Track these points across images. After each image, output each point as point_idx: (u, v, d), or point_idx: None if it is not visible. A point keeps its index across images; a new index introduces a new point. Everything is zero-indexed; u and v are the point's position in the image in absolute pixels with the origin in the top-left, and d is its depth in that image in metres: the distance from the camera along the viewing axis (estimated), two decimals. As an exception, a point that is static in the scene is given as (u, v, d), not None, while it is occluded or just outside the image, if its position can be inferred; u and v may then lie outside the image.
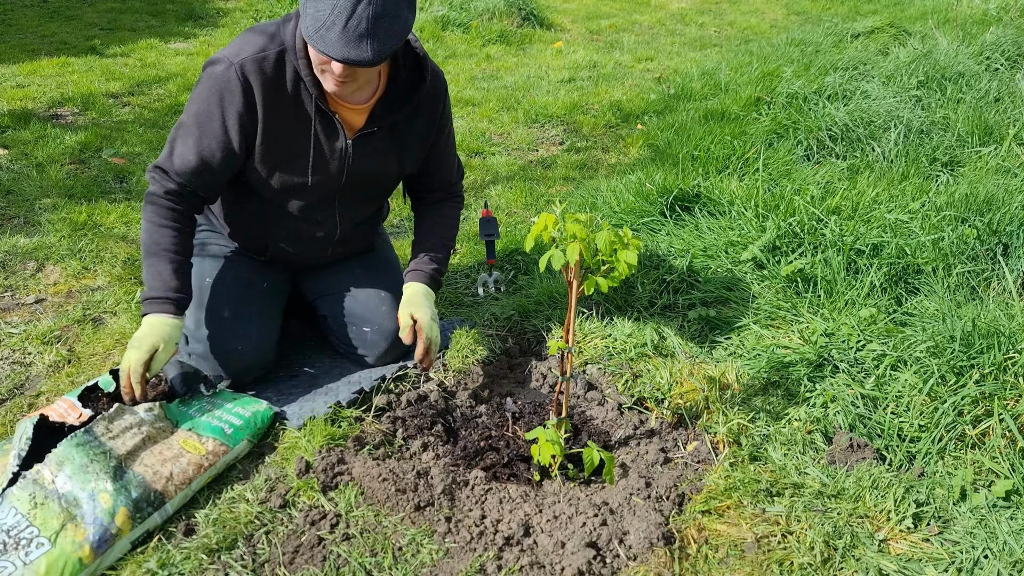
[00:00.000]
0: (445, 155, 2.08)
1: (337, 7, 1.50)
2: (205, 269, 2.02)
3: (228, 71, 1.70)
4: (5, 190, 3.18)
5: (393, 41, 1.57)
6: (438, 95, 1.94)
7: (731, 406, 1.91)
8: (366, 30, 1.52)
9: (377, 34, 1.53)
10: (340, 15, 1.50)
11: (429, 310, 1.92)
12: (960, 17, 5.76)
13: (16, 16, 6.48)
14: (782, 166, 3.29)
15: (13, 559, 1.39)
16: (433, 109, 1.94)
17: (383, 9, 1.53)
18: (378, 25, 1.53)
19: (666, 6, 8.20)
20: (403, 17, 1.58)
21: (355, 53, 1.53)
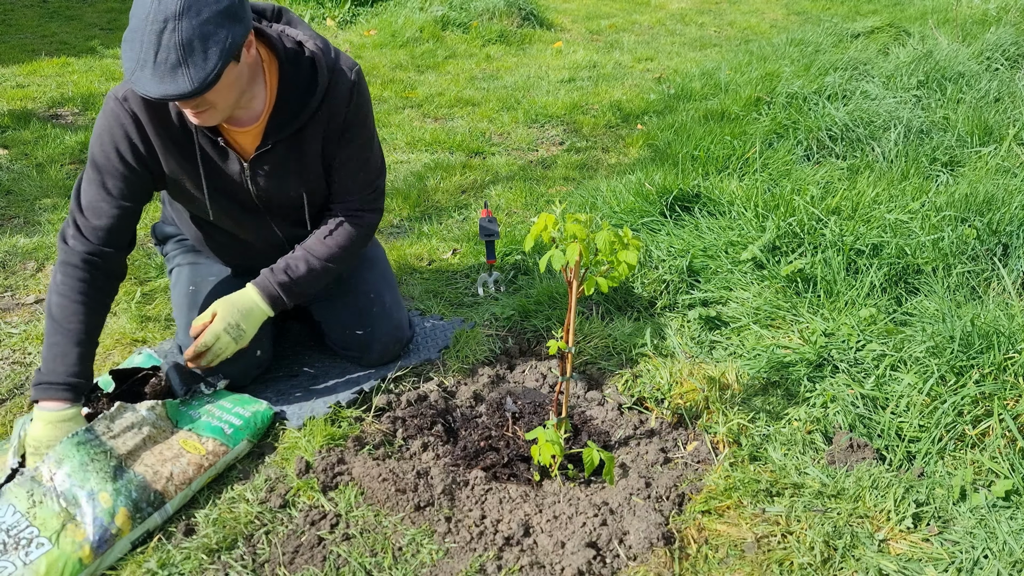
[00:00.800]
0: (348, 164, 1.84)
1: (144, 45, 1.41)
2: (189, 277, 2.01)
3: (116, 106, 1.64)
4: (5, 190, 3.18)
5: (213, 63, 1.43)
6: (338, 99, 1.74)
7: (731, 406, 1.91)
8: (177, 60, 1.41)
9: (192, 61, 1.41)
10: (148, 51, 1.41)
11: (231, 319, 1.72)
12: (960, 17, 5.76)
13: (16, 16, 6.48)
14: (782, 166, 3.29)
15: (13, 559, 1.39)
16: (332, 114, 1.76)
17: (192, 33, 1.41)
18: (191, 51, 1.41)
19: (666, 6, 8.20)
20: (220, 36, 1.43)
21: (172, 88, 1.43)
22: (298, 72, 1.71)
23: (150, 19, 1.40)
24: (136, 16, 1.43)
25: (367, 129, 1.85)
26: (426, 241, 2.89)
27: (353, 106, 1.77)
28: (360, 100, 1.79)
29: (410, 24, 6.22)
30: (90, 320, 1.67)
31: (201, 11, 1.42)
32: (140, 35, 1.41)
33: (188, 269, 2.05)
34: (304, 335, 2.26)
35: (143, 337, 2.23)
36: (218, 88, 1.51)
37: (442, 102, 4.65)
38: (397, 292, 2.15)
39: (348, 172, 1.85)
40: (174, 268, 2.09)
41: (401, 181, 3.49)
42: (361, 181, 1.88)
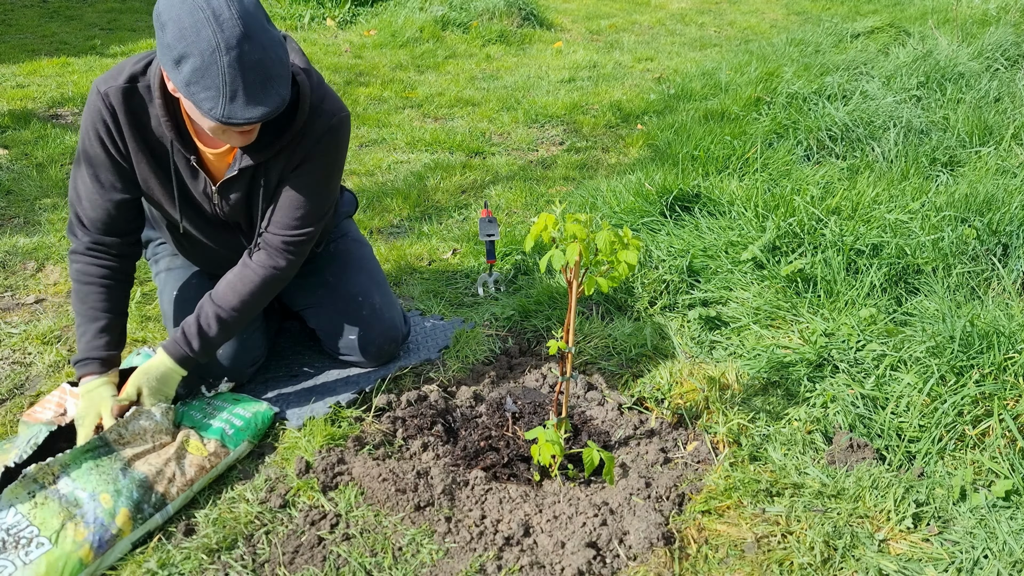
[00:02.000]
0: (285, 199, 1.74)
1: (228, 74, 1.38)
2: (175, 280, 2.01)
3: (97, 100, 1.63)
4: (5, 190, 3.18)
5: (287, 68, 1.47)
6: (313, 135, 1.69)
7: (731, 406, 1.91)
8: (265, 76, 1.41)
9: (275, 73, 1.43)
10: (236, 79, 1.39)
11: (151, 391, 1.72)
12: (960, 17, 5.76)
13: (16, 16, 6.48)
14: (782, 166, 3.29)
15: (13, 558, 1.39)
16: (296, 151, 1.70)
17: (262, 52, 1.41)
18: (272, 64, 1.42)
19: (666, 6, 8.20)
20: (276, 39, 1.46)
21: (270, 104, 1.43)
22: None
23: (222, 49, 1.37)
24: (200, 53, 1.38)
25: (324, 172, 1.76)
26: (426, 241, 2.89)
27: (320, 147, 1.71)
28: (330, 145, 1.72)
29: (410, 24, 6.22)
30: (105, 298, 1.75)
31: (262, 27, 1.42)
32: (217, 67, 1.38)
33: (171, 276, 2.04)
34: (304, 335, 2.26)
35: (143, 337, 2.23)
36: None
37: (442, 102, 4.65)
38: (388, 291, 2.12)
39: (284, 204, 1.75)
40: (159, 273, 2.08)
41: (401, 181, 3.49)
42: (294, 218, 1.75)
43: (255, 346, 1.98)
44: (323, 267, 2.09)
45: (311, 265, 2.07)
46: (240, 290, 1.77)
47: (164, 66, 1.44)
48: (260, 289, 1.77)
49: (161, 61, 1.44)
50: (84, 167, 1.71)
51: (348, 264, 2.10)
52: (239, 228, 1.88)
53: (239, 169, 1.70)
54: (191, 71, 1.39)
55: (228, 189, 1.75)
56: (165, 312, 2.01)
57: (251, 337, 1.97)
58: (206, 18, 1.37)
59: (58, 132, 3.80)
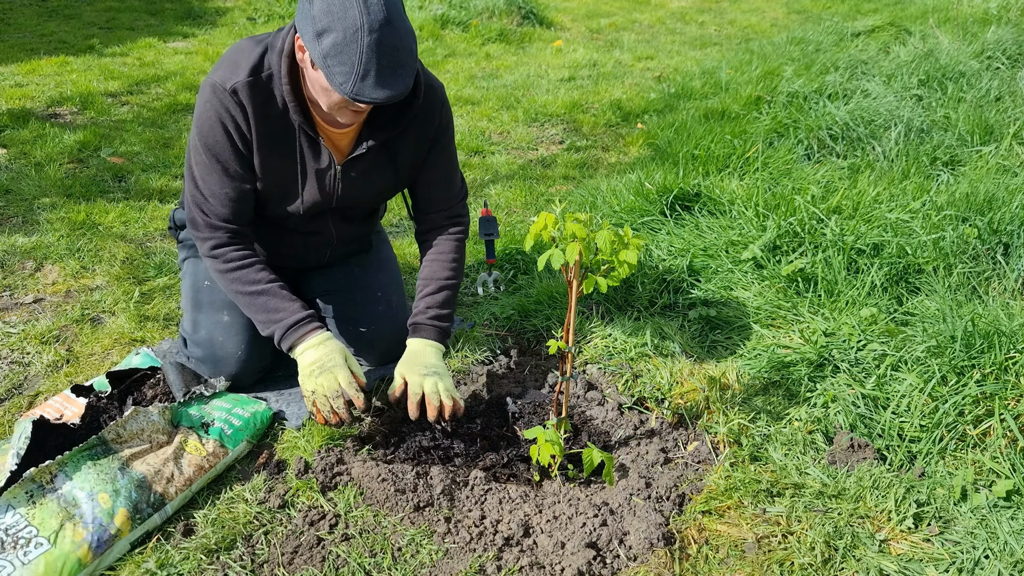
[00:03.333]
0: (440, 171, 1.97)
1: (365, 54, 1.46)
2: (203, 271, 2.01)
3: (224, 96, 1.68)
4: (4, 189, 3.18)
5: (415, 60, 1.56)
6: (433, 108, 1.85)
7: (731, 406, 1.90)
8: (397, 61, 1.50)
9: (407, 61, 1.52)
10: (371, 59, 1.47)
11: (425, 369, 1.79)
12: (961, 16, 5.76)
13: (15, 15, 6.47)
14: (782, 165, 3.28)
15: (11, 558, 1.39)
16: (427, 123, 1.86)
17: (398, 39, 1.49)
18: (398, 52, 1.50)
19: (666, 5, 8.19)
20: (409, 28, 1.54)
21: (396, 89, 1.51)
22: None
23: (364, 30, 1.45)
24: (343, 30, 1.45)
25: (453, 142, 1.98)
26: (426, 240, 2.89)
27: (444, 120, 1.89)
28: (449, 114, 1.92)
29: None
30: (269, 272, 1.81)
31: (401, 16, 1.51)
32: (356, 46, 1.45)
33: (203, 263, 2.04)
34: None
35: (141, 337, 2.23)
36: None
37: (442, 101, 4.64)
38: (404, 295, 2.16)
39: (442, 174, 1.97)
40: (188, 258, 2.08)
41: (401, 180, 3.48)
42: (454, 187, 2.01)
43: (267, 354, 1.99)
44: (352, 260, 2.15)
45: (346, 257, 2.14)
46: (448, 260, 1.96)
47: (303, 36, 1.51)
48: (461, 251, 2.00)
49: (301, 31, 1.52)
50: (210, 163, 1.74)
51: (375, 260, 2.16)
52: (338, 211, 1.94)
53: (367, 148, 1.79)
54: (331, 44, 1.47)
55: (351, 168, 1.82)
56: (189, 297, 2.00)
57: (264, 345, 1.97)
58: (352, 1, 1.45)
59: (56, 131, 3.79)
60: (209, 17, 6.80)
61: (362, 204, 1.96)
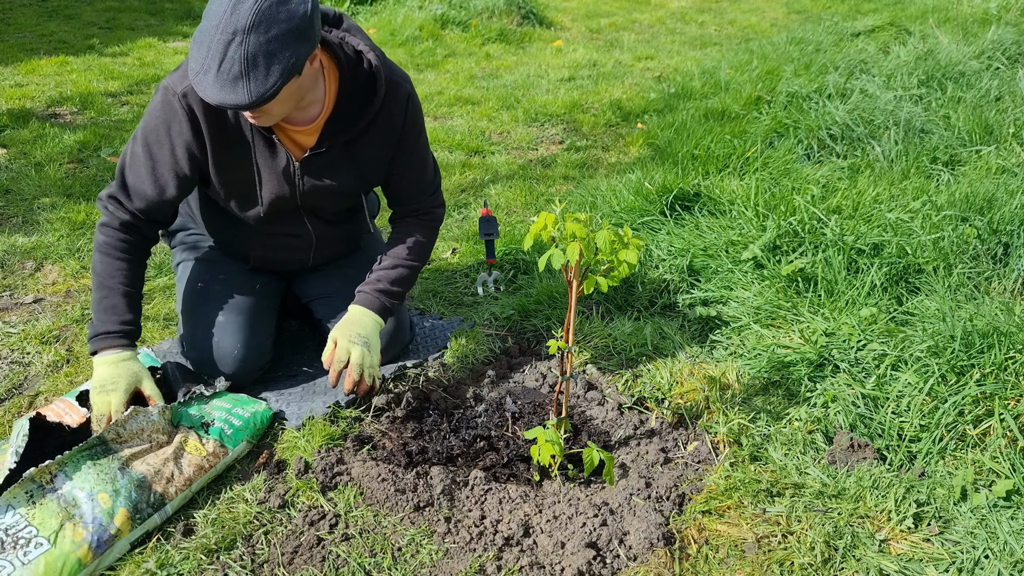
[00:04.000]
0: (409, 170, 1.95)
1: (211, 51, 1.45)
2: (198, 273, 2.01)
3: (173, 100, 1.68)
4: (4, 189, 3.18)
5: (274, 80, 1.47)
6: (396, 106, 1.83)
7: (731, 406, 1.90)
8: (240, 72, 1.45)
9: (254, 75, 1.46)
10: (214, 58, 1.45)
11: (358, 338, 1.81)
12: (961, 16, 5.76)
13: (15, 15, 6.47)
14: (782, 165, 3.28)
15: (11, 558, 1.39)
16: (390, 123, 1.84)
17: (258, 49, 1.44)
18: (254, 66, 1.45)
19: (666, 4, 8.19)
20: (285, 55, 1.47)
21: (231, 97, 1.47)
22: (357, 81, 1.77)
23: (221, 28, 1.44)
24: (208, 20, 1.46)
25: (423, 134, 1.95)
26: (426, 240, 2.89)
27: (409, 114, 1.86)
28: (415, 109, 1.89)
29: (409, 23, 6.21)
30: (132, 273, 1.78)
31: (271, 28, 1.45)
32: (209, 41, 1.46)
33: (196, 265, 2.04)
34: (304, 335, 2.25)
35: (142, 337, 2.22)
36: (279, 98, 1.57)
37: (441, 101, 4.64)
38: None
39: (412, 176, 1.96)
40: (181, 262, 2.09)
41: (401, 180, 3.48)
42: (425, 182, 2.00)
43: (265, 352, 1.99)
44: (344, 261, 2.14)
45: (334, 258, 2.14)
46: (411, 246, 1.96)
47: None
48: (427, 242, 2.00)
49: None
50: (144, 159, 1.75)
51: (368, 261, 2.13)
52: (307, 209, 1.93)
53: (327, 147, 1.79)
54: (197, 31, 1.50)
55: (310, 164, 1.82)
56: (183, 300, 2.01)
57: (263, 342, 1.97)
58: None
59: (56, 131, 3.79)
60: (209, 17, 6.79)
61: (328, 202, 1.94)
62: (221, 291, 1.98)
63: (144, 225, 1.80)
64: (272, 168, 1.81)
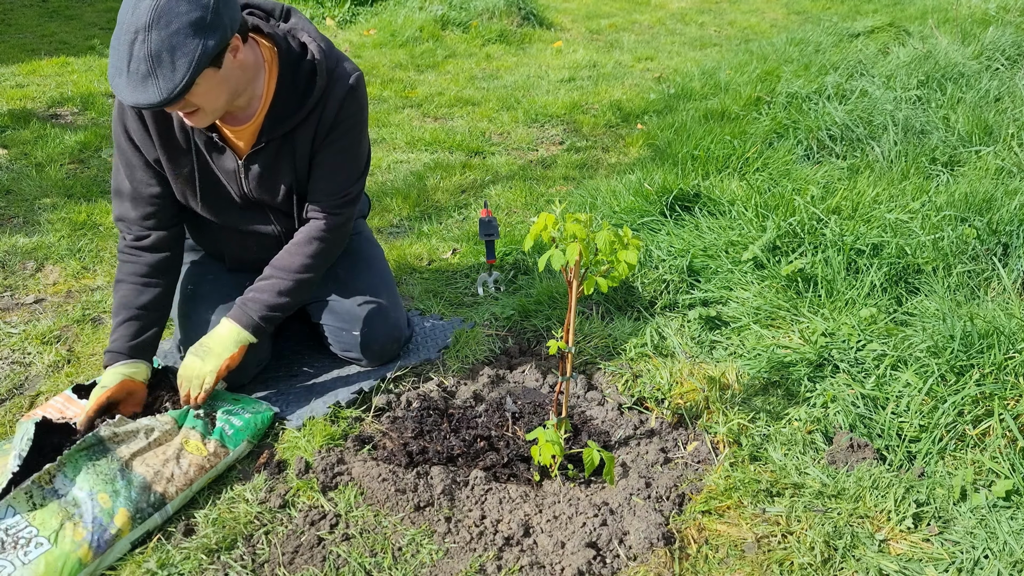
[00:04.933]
0: (324, 166, 1.83)
1: (119, 53, 1.46)
2: (188, 275, 2.02)
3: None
4: (5, 190, 3.18)
5: (182, 74, 1.45)
6: (333, 100, 1.76)
7: (731, 406, 1.91)
8: (147, 71, 1.44)
9: (160, 72, 1.44)
10: (122, 60, 1.45)
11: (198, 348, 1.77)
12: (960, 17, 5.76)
13: (15, 16, 6.47)
14: (782, 166, 3.29)
15: (11, 558, 1.39)
16: (324, 116, 1.77)
17: (160, 45, 1.43)
18: (159, 62, 1.44)
19: (666, 5, 8.19)
20: (189, 47, 1.45)
21: (143, 97, 1.47)
22: (297, 73, 1.73)
23: (124, 28, 1.44)
24: (118, 24, 1.47)
25: (354, 134, 1.84)
26: (426, 241, 2.89)
27: (344, 110, 1.78)
28: (353, 106, 1.80)
29: (410, 23, 6.21)
30: (137, 295, 1.83)
31: (171, 23, 1.43)
32: (118, 43, 1.46)
33: (186, 267, 2.05)
34: (304, 335, 2.26)
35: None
36: (199, 93, 1.54)
37: (442, 102, 4.65)
38: (395, 292, 2.14)
39: (324, 173, 1.85)
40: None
41: (401, 181, 3.49)
42: (335, 184, 1.86)
43: (261, 349, 1.98)
44: (335, 263, 2.11)
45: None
46: (299, 255, 1.85)
47: None
48: (318, 252, 1.86)
49: None
50: (122, 166, 1.79)
51: (359, 262, 2.13)
52: (267, 208, 1.92)
53: (266, 142, 1.76)
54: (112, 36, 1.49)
55: (253, 161, 1.80)
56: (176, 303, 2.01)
57: (258, 343, 1.96)
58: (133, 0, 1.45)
59: (57, 132, 3.80)
60: (209, 18, 6.79)
61: (277, 198, 1.88)
62: (211, 292, 1.98)
63: (151, 240, 1.83)
64: (217, 167, 1.81)
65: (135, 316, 1.81)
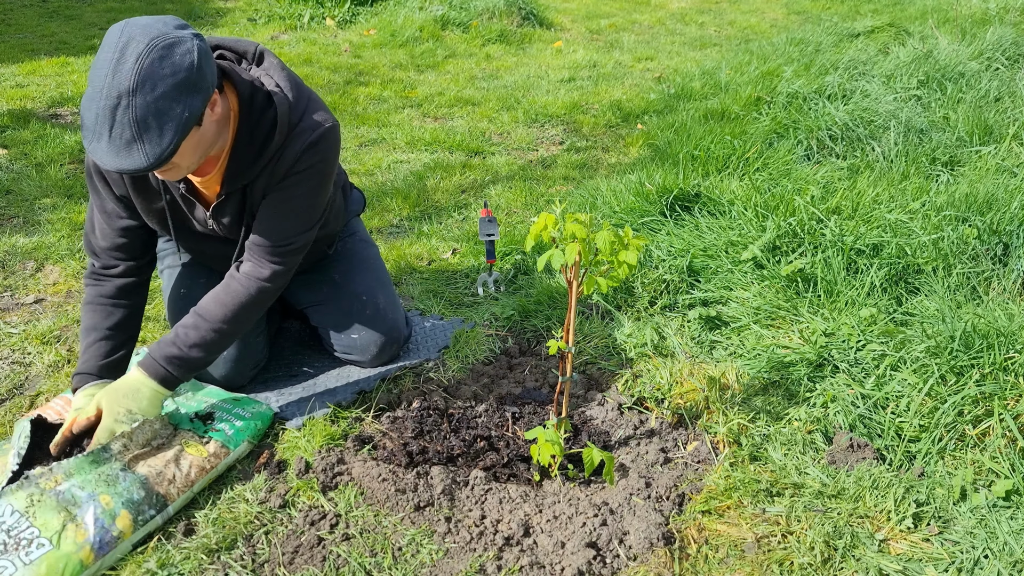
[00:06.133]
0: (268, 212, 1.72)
1: (99, 118, 1.36)
2: (180, 279, 2.01)
3: None
4: (5, 190, 3.18)
5: (169, 139, 1.39)
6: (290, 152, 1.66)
7: (731, 406, 1.91)
8: (132, 136, 1.37)
9: (147, 138, 1.37)
10: (103, 125, 1.36)
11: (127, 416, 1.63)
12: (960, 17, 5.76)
13: (15, 16, 6.47)
14: (782, 166, 3.29)
15: (13, 559, 1.39)
16: (279, 167, 1.67)
17: (146, 111, 1.35)
18: (146, 128, 1.37)
19: (666, 5, 8.19)
20: (176, 111, 1.38)
21: (128, 163, 1.39)
22: (258, 126, 1.64)
23: (104, 93, 1.35)
24: (92, 83, 1.37)
25: (308, 185, 1.72)
26: (426, 241, 2.89)
27: (300, 162, 1.68)
28: (312, 158, 1.69)
29: (410, 23, 6.22)
30: (106, 316, 1.78)
31: (156, 86, 1.35)
32: (95, 106, 1.37)
33: (178, 272, 2.04)
34: (304, 335, 2.26)
35: (142, 337, 2.23)
36: (180, 152, 1.48)
37: (442, 102, 4.65)
38: (392, 292, 2.14)
39: (268, 216, 1.72)
40: (164, 269, 2.08)
41: (401, 181, 3.49)
42: (279, 230, 1.73)
43: (257, 350, 1.98)
44: (330, 265, 2.10)
45: (318, 263, 2.10)
46: (227, 303, 1.71)
47: None
48: (248, 301, 1.73)
49: None
50: (93, 197, 1.76)
51: (355, 263, 2.11)
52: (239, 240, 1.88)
53: (226, 193, 1.70)
54: (85, 95, 1.39)
55: (220, 212, 1.75)
56: (171, 308, 2.01)
57: (254, 341, 1.97)
58: (110, 58, 1.35)
59: (57, 132, 3.80)
60: (210, 18, 6.80)
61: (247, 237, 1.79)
62: (204, 295, 1.97)
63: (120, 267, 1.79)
64: (188, 214, 1.78)
65: (105, 337, 1.76)
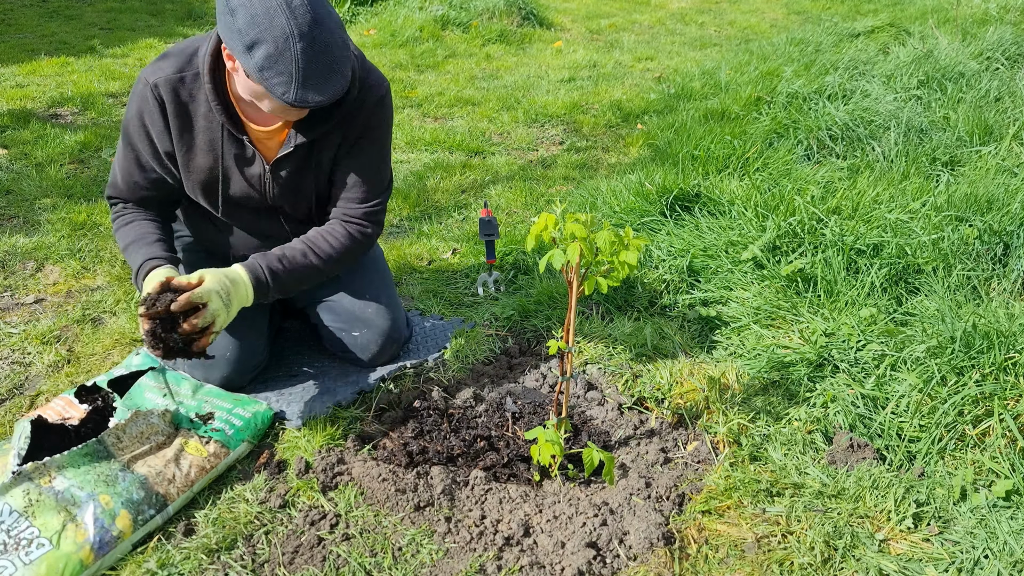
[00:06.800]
0: (352, 172, 1.86)
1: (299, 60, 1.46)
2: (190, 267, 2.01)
3: (145, 89, 1.71)
4: (5, 190, 3.18)
5: (349, 56, 1.56)
6: (363, 107, 1.78)
7: (731, 406, 1.91)
8: (331, 61, 1.50)
9: (341, 58, 1.52)
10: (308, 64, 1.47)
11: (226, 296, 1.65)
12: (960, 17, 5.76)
13: (16, 16, 6.47)
14: (782, 166, 3.29)
15: (13, 559, 1.39)
16: (354, 121, 1.79)
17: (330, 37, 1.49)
18: (339, 49, 1.52)
19: (666, 5, 8.19)
20: (343, 38, 1.54)
21: (334, 89, 1.53)
22: None
23: (295, 36, 1.44)
24: (273, 40, 1.45)
25: (381, 143, 1.88)
26: (426, 241, 2.89)
27: (374, 120, 1.81)
28: (381, 116, 1.83)
29: (410, 23, 6.22)
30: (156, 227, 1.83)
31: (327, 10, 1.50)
32: (290, 54, 1.45)
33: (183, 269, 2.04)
34: (304, 335, 2.26)
35: (142, 337, 2.23)
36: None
37: (442, 102, 4.65)
38: (393, 292, 2.15)
39: (355, 181, 1.87)
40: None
41: (401, 181, 3.49)
42: (366, 191, 1.89)
43: (258, 351, 1.99)
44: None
45: None
46: (331, 242, 1.85)
47: (233, 51, 1.49)
48: (346, 250, 1.86)
49: (229, 44, 1.50)
50: (126, 149, 1.80)
51: (362, 265, 2.12)
52: (281, 213, 1.94)
53: (294, 146, 1.77)
54: (265, 57, 1.46)
55: (280, 167, 1.81)
56: None
57: (255, 342, 1.97)
58: (279, 5, 1.43)
59: (57, 132, 3.80)
60: (210, 18, 6.80)
61: (302, 200, 1.91)
62: None
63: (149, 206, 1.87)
64: (241, 171, 1.81)
65: (158, 239, 1.79)
